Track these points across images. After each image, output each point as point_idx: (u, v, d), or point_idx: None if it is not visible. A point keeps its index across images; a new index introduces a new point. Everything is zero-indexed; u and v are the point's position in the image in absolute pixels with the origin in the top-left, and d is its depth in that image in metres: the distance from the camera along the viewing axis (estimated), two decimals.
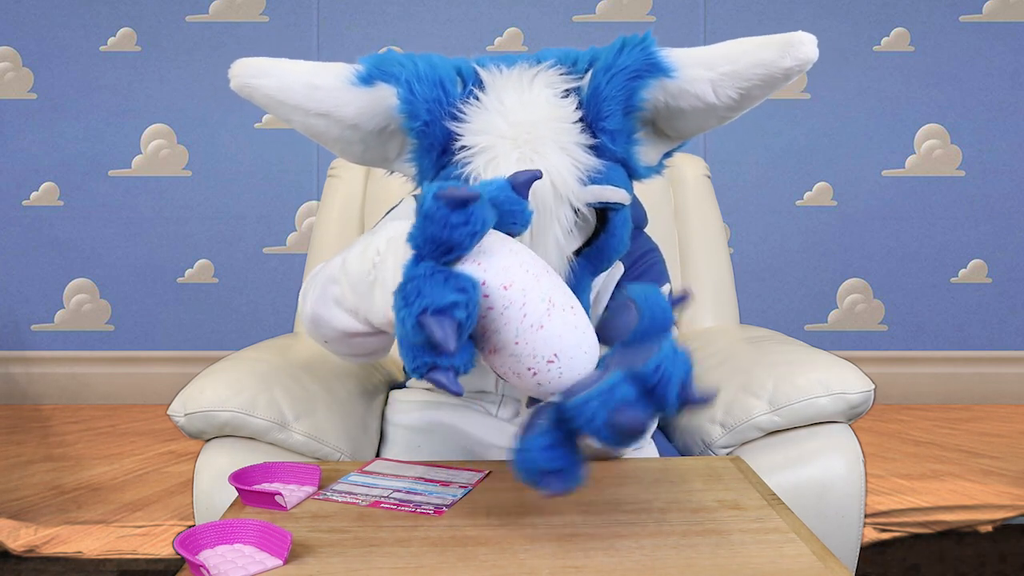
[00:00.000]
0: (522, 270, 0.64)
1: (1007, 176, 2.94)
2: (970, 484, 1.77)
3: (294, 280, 1.49)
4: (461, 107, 0.81)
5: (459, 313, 0.57)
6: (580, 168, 0.80)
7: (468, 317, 0.58)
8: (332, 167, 1.53)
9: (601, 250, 0.86)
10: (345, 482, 0.79)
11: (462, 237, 0.59)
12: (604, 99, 0.80)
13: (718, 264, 1.47)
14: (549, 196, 0.79)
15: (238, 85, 0.83)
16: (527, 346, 0.63)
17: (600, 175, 0.81)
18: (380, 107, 0.82)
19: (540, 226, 0.79)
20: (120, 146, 2.95)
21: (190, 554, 0.59)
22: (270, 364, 1.04)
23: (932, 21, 2.91)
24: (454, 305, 0.57)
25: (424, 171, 0.86)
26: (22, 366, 2.96)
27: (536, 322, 0.63)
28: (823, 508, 0.94)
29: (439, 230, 0.58)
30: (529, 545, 0.63)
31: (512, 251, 0.65)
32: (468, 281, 0.58)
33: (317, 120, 0.83)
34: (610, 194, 0.82)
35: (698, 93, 0.80)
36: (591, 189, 0.81)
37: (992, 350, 2.95)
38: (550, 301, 0.64)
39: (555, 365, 0.64)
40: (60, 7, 2.92)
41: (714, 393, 0.64)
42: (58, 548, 1.47)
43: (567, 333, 0.64)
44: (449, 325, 0.56)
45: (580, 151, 0.80)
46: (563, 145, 0.80)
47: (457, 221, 0.58)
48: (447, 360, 0.59)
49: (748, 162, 2.94)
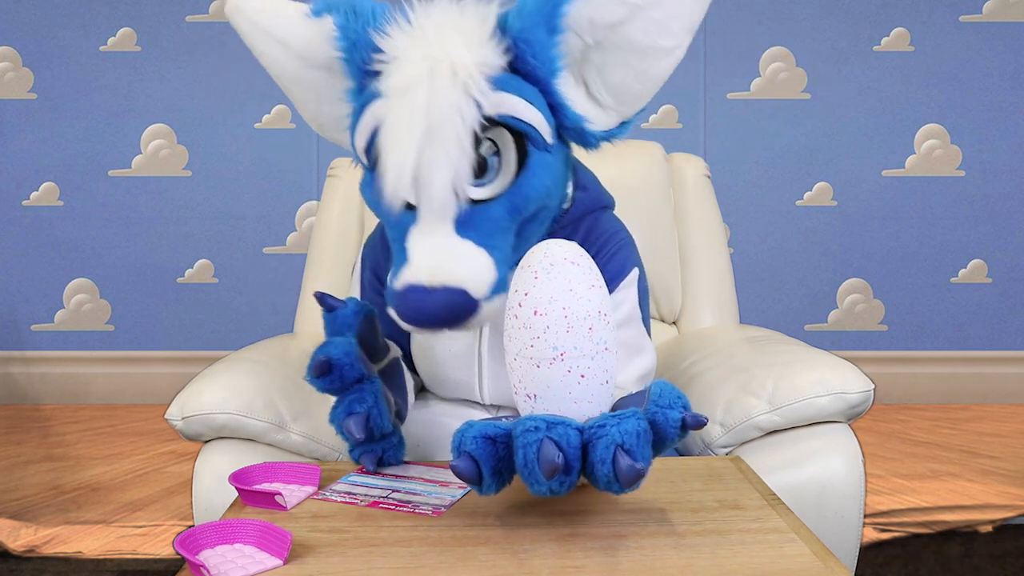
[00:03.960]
0: (562, 313, 0.66)
1: (1007, 176, 2.94)
2: (970, 484, 1.77)
3: (294, 280, 1.49)
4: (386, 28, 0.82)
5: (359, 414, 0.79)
6: (486, 66, 0.77)
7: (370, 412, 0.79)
8: (332, 167, 1.53)
9: (519, 188, 0.80)
10: (345, 482, 0.79)
11: (331, 390, 0.80)
12: (527, 12, 0.79)
13: (718, 264, 1.47)
14: (447, 82, 0.75)
15: (230, 8, 0.91)
16: (520, 370, 0.69)
17: (511, 85, 0.79)
18: (323, 37, 0.86)
19: (437, 112, 0.74)
20: (120, 146, 2.95)
21: (190, 554, 0.59)
22: (267, 365, 1.04)
23: (932, 21, 2.91)
24: (351, 414, 0.79)
25: (352, 101, 0.85)
26: (22, 366, 2.96)
27: (538, 358, 0.67)
28: (823, 508, 0.94)
29: (321, 389, 0.81)
30: (529, 545, 0.63)
31: (576, 292, 0.67)
32: (360, 400, 0.80)
33: (278, 50, 0.90)
34: (523, 109, 0.78)
35: None
36: (500, 95, 0.77)
37: (992, 350, 2.95)
38: (562, 355, 0.66)
39: (530, 403, 0.69)
40: (60, 7, 2.92)
41: (706, 420, 0.67)
42: (58, 548, 1.48)
43: (556, 387, 0.67)
44: (355, 424, 0.78)
45: (489, 52, 0.78)
46: (471, 46, 0.78)
47: (324, 385, 0.80)
48: (367, 447, 0.82)
49: (748, 162, 2.94)
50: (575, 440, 0.62)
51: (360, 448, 0.83)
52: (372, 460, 0.82)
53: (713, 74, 2.92)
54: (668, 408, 0.66)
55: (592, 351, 0.67)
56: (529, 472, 0.62)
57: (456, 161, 0.75)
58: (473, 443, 0.64)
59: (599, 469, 0.61)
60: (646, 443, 0.63)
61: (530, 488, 0.63)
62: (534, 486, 0.63)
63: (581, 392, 0.67)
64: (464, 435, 0.65)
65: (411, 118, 0.75)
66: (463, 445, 0.64)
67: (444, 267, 0.76)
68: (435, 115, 0.74)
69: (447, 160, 0.75)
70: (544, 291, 0.67)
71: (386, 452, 0.83)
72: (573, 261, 0.68)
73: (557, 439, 0.62)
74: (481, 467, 0.64)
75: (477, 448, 0.64)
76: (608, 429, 0.62)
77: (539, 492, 0.63)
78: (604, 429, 0.62)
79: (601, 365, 0.68)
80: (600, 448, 0.61)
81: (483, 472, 0.64)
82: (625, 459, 0.60)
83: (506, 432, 0.65)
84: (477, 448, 0.64)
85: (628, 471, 0.60)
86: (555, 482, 0.62)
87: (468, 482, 0.64)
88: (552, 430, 0.62)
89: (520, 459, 0.62)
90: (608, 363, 0.69)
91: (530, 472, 0.62)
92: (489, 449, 0.64)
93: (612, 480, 0.61)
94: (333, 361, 0.78)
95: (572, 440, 0.62)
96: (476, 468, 0.64)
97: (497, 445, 0.64)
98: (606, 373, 0.69)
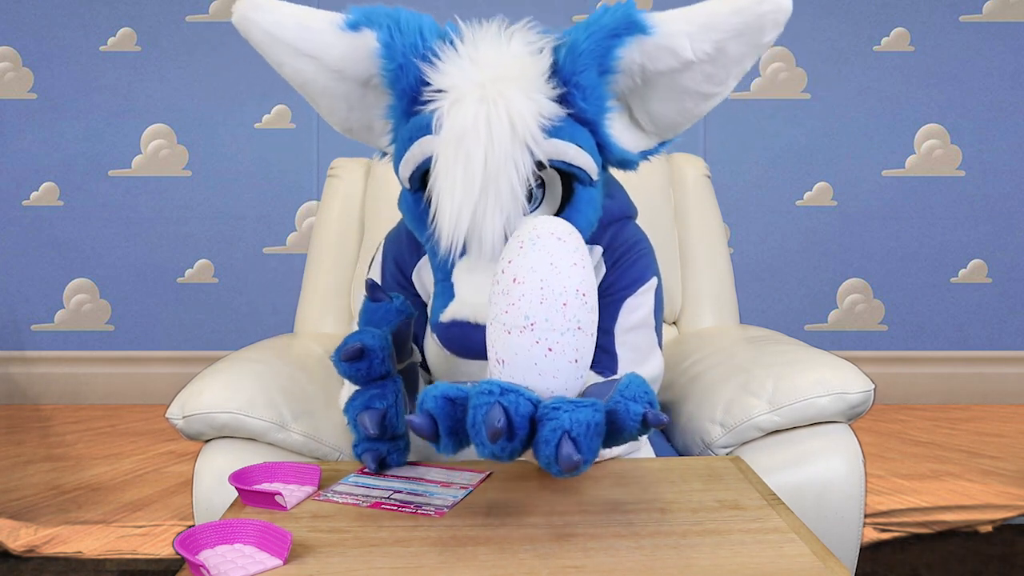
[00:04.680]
0: (539, 284, 0.67)
1: (1007, 176, 2.94)
2: (970, 484, 1.78)
3: (294, 280, 1.49)
4: (436, 52, 0.82)
5: (377, 409, 0.79)
6: (543, 116, 0.79)
7: (388, 411, 0.79)
8: (332, 167, 1.53)
9: None
10: (345, 483, 0.79)
11: (355, 377, 0.80)
12: (580, 54, 0.80)
13: (718, 264, 1.47)
14: (506, 135, 0.77)
15: (238, 18, 0.87)
16: (493, 335, 0.70)
17: (564, 131, 0.80)
18: (363, 52, 0.84)
19: (494, 166, 0.77)
20: (120, 146, 2.95)
21: (190, 554, 0.59)
22: (268, 364, 1.04)
23: (932, 21, 2.91)
24: (369, 408, 0.79)
25: (397, 121, 0.86)
26: (22, 366, 2.96)
27: (510, 324, 0.68)
28: (823, 508, 0.94)
29: (345, 374, 0.80)
30: (529, 545, 0.63)
31: (556, 266, 0.67)
32: (381, 396, 0.80)
33: (306, 64, 0.86)
34: (574, 154, 0.81)
35: (674, 47, 0.79)
36: (553, 142, 0.79)
37: (992, 350, 2.95)
38: (532, 324, 0.67)
39: (498, 369, 0.70)
40: (60, 7, 2.92)
41: (667, 419, 0.66)
42: (58, 548, 1.48)
43: (522, 355, 0.68)
44: (370, 419, 0.78)
45: (545, 99, 0.80)
46: (527, 91, 0.79)
47: (350, 371, 0.79)
48: (373, 445, 0.81)
49: (748, 162, 2.94)
50: (524, 409, 0.64)
51: (365, 444, 0.82)
52: (374, 459, 0.81)
53: None
54: (632, 400, 0.66)
55: (563, 327, 0.67)
56: (476, 433, 0.64)
57: (510, 210, 0.79)
58: (433, 402, 0.65)
59: (542, 448, 0.63)
60: (596, 435, 0.63)
61: (477, 450, 0.65)
62: (479, 447, 0.64)
63: (546, 365, 0.68)
64: (427, 394, 0.66)
65: (468, 167, 0.77)
66: (424, 404, 0.66)
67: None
68: (492, 167, 0.77)
69: (501, 210, 0.78)
70: (526, 261, 0.68)
71: (390, 454, 0.83)
72: (559, 237, 0.69)
73: (507, 405, 0.63)
74: (439, 425, 0.65)
75: (436, 407, 0.65)
76: (560, 414, 0.63)
77: (482, 454, 0.64)
78: (557, 412, 0.63)
79: (571, 343, 0.68)
80: (547, 429, 0.62)
81: (440, 431, 0.65)
82: (568, 447, 0.61)
83: (467, 395, 0.66)
84: (436, 407, 0.65)
85: (567, 460, 0.61)
86: (497, 446, 0.63)
87: (426, 439, 0.66)
88: (504, 396, 0.63)
89: (470, 419, 0.64)
90: (580, 343, 0.69)
91: (476, 432, 0.63)
92: (447, 409, 0.65)
93: (552, 462, 0.62)
94: (367, 349, 0.78)
95: (521, 409, 0.63)
96: (434, 425, 0.65)
97: (456, 407, 0.66)
98: (576, 352, 0.68)
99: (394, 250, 1.06)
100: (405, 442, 0.85)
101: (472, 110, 0.77)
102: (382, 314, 0.85)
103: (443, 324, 0.82)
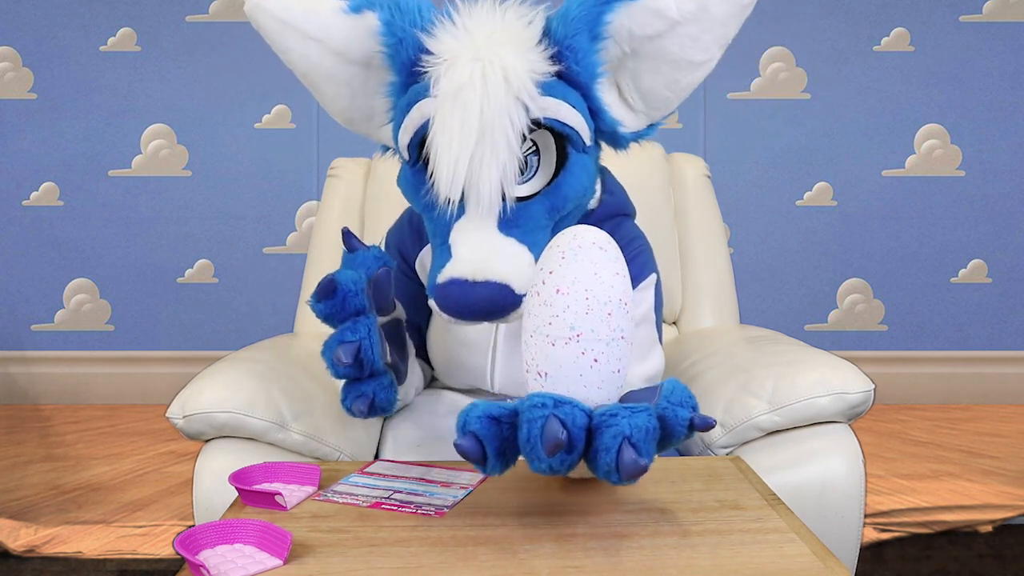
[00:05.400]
0: (584, 294, 0.67)
1: (1007, 176, 2.94)
2: (970, 484, 1.78)
3: (294, 280, 1.49)
4: (434, 24, 0.85)
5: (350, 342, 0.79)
6: (536, 72, 0.81)
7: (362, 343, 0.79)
8: (332, 167, 1.53)
9: (559, 188, 0.85)
10: (346, 483, 0.79)
11: (329, 315, 0.80)
12: (571, 20, 0.83)
13: (718, 264, 1.47)
14: (501, 89, 0.79)
15: (250, 6, 0.91)
16: (534, 347, 0.68)
17: (556, 90, 0.83)
18: (364, 32, 0.88)
19: (490, 117, 0.79)
20: (120, 146, 2.95)
21: (190, 554, 0.59)
22: (268, 364, 1.04)
23: (932, 21, 2.91)
24: (343, 343, 0.79)
25: (397, 98, 0.88)
26: (22, 366, 2.96)
27: (554, 336, 0.67)
28: (823, 508, 0.94)
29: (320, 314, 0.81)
30: (529, 545, 0.63)
31: (600, 276, 0.67)
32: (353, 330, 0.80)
33: (312, 48, 0.90)
34: (566, 112, 0.83)
35: (659, 7, 0.82)
36: (546, 99, 0.82)
37: (992, 350, 2.95)
38: (578, 335, 0.66)
39: (540, 382, 0.69)
40: (60, 7, 2.92)
41: (714, 422, 0.67)
42: (58, 548, 1.48)
43: (568, 367, 0.67)
44: (344, 352, 0.78)
45: (537, 59, 0.82)
46: (520, 52, 0.81)
47: (324, 309, 0.80)
48: (357, 388, 0.82)
49: (748, 162, 2.94)
50: (580, 421, 0.63)
51: (351, 391, 0.82)
52: (364, 403, 0.81)
53: (713, 74, 2.89)
54: (679, 406, 0.66)
55: (608, 337, 0.67)
56: (531, 448, 0.62)
57: (506, 162, 0.80)
58: (478, 423, 0.64)
59: (602, 457, 0.62)
60: (653, 440, 0.63)
61: (531, 464, 0.63)
62: (535, 463, 0.63)
63: (592, 376, 0.67)
64: (469, 415, 0.65)
65: (464, 119, 0.78)
66: (467, 425, 0.64)
67: (488, 262, 0.79)
68: (488, 118, 0.78)
69: (497, 161, 0.79)
70: (569, 271, 0.68)
71: (377, 393, 0.83)
72: (601, 247, 0.69)
73: (563, 417, 0.62)
74: (485, 447, 0.64)
75: (482, 428, 0.64)
76: (619, 419, 0.62)
77: (539, 469, 0.63)
78: (615, 419, 0.62)
79: (615, 352, 0.68)
80: (607, 436, 0.61)
81: (487, 452, 0.64)
82: (630, 452, 0.60)
83: (511, 412, 0.65)
84: (482, 428, 0.64)
85: (631, 465, 0.60)
86: (556, 460, 0.62)
87: (473, 462, 0.65)
88: (559, 408, 0.62)
89: (524, 434, 0.62)
90: (622, 352, 0.69)
91: (532, 448, 0.62)
92: (494, 429, 0.64)
93: (612, 470, 0.61)
94: (339, 285, 0.79)
95: (578, 420, 0.62)
96: (480, 448, 0.64)
97: (502, 425, 0.65)
98: (619, 362, 0.68)
99: (396, 239, 1.08)
100: (389, 379, 0.85)
101: (468, 68, 0.80)
102: (360, 261, 0.85)
103: (441, 285, 0.81)
